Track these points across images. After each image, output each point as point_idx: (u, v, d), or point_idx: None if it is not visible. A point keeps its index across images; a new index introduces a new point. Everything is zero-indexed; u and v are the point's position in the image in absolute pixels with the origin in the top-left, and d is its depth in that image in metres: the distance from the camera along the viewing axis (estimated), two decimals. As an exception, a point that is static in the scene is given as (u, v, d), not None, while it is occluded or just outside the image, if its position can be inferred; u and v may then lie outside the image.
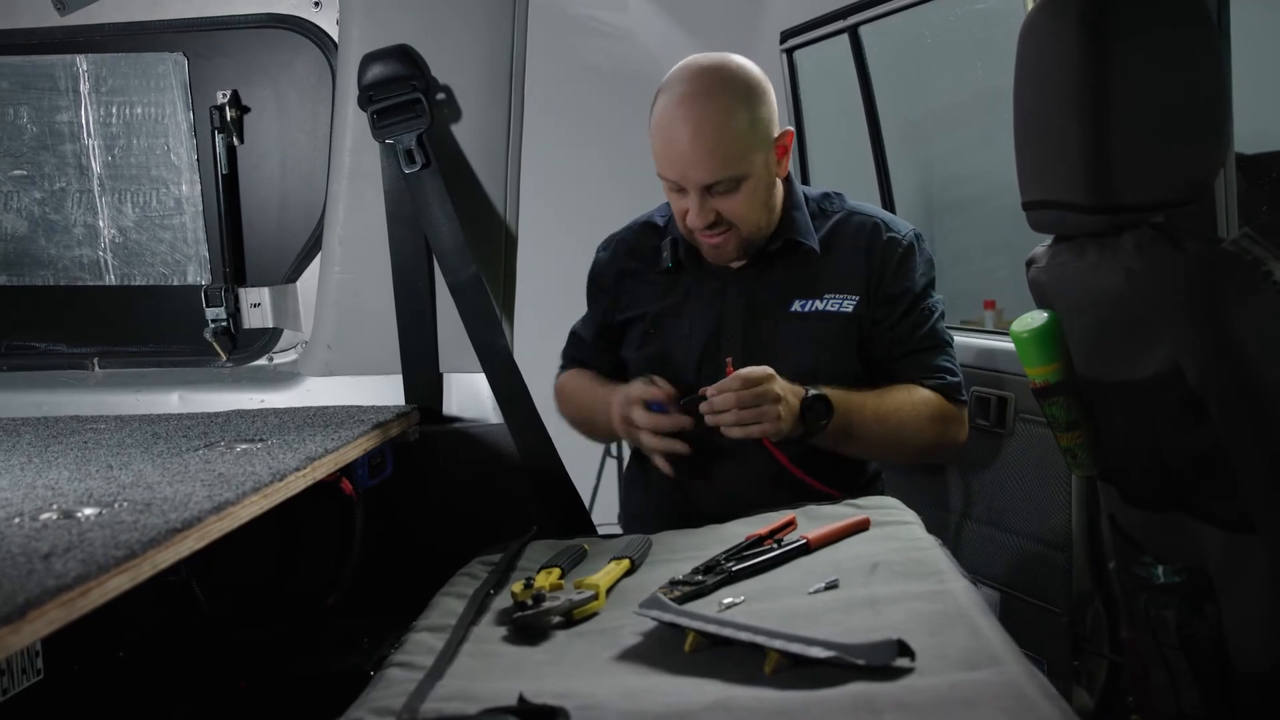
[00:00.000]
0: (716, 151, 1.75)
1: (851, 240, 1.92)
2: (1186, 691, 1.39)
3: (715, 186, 1.77)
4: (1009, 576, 2.26)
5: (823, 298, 1.88)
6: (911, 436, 1.85)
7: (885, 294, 1.88)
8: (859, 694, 1.00)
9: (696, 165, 1.75)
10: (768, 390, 1.68)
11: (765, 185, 1.84)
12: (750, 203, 1.81)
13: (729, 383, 1.68)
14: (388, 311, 1.96)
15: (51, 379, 2.13)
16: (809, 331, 1.86)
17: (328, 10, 1.99)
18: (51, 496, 1.24)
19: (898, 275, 1.89)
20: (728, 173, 1.76)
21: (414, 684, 1.13)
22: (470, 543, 1.67)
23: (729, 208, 1.80)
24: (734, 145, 1.76)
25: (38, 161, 2.09)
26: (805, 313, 1.88)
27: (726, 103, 1.76)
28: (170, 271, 2.10)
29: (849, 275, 1.89)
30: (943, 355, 1.91)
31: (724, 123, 1.75)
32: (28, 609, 0.81)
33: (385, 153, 1.88)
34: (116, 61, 2.04)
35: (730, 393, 1.67)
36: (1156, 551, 1.47)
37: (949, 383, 1.89)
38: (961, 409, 1.92)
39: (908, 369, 1.89)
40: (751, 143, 1.78)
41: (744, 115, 1.77)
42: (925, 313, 1.90)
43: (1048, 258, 1.54)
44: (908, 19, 2.89)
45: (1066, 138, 1.34)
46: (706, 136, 1.74)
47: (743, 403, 1.68)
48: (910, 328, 1.89)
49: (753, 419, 1.68)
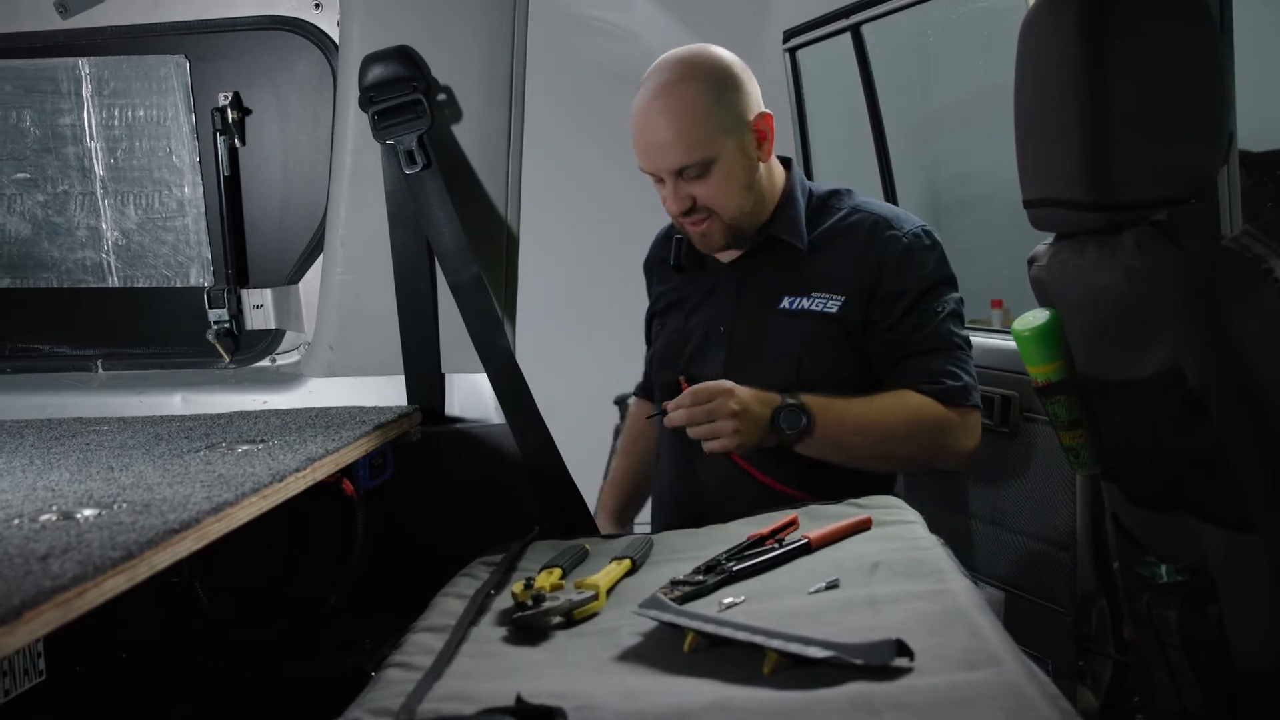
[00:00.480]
0: (682, 136, 1.77)
1: (849, 238, 1.88)
2: (1189, 691, 1.38)
3: (685, 171, 1.80)
4: (1014, 576, 2.25)
5: (810, 296, 1.86)
6: (898, 448, 1.81)
7: (883, 293, 1.83)
8: (857, 694, 0.99)
9: (663, 151, 1.79)
10: (720, 405, 1.69)
11: (742, 168, 1.83)
12: (725, 186, 1.82)
13: (681, 399, 1.72)
14: (389, 312, 1.96)
15: (56, 381, 2.14)
16: (795, 330, 1.84)
17: (328, 12, 1.99)
18: (51, 498, 1.24)
19: (897, 274, 1.83)
20: (696, 156, 1.78)
21: (412, 684, 1.13)
22: (472, 543, 1.67)
23: (703, 192, 1.81)
24: (698, 129, 1.78)
25: (40, 164, 2.09)
26: (794, 310, 1.86)
27: (692, 89, 1.79)
28: (173, 273, 2.11)
29: (838, 274, 1.85)
30: (946, 358, 1.82)
31: (688, 108, 1.78)
32: (23, 610, 0.81)
33: (386, 154, 1.88)
34: (118, 64, 2.04)
35: (682, 409, 1.71)
36: (1158, 551, 1.46)
37: (948, 387, 1.80)
38: (966, 414, 1.82)
39: (904, 373, 1.82)
40: (719, 125, 1.79)
41: (709, 99, 1.79)
42: (929, 313, 1.83)
43: (1049, 256, 1.54)
44: (911, 18, 2.89)
45: (1066, 135, 1.33)
46: (671, 122, 1.77)
47: (693, 419, 1.70)
48: (909, 329, 1.82)
49: (707, 434, 1.71)
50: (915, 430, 1.79)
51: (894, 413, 1.79)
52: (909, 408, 1.79)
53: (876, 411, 1.79)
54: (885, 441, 1.79)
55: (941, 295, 1.86)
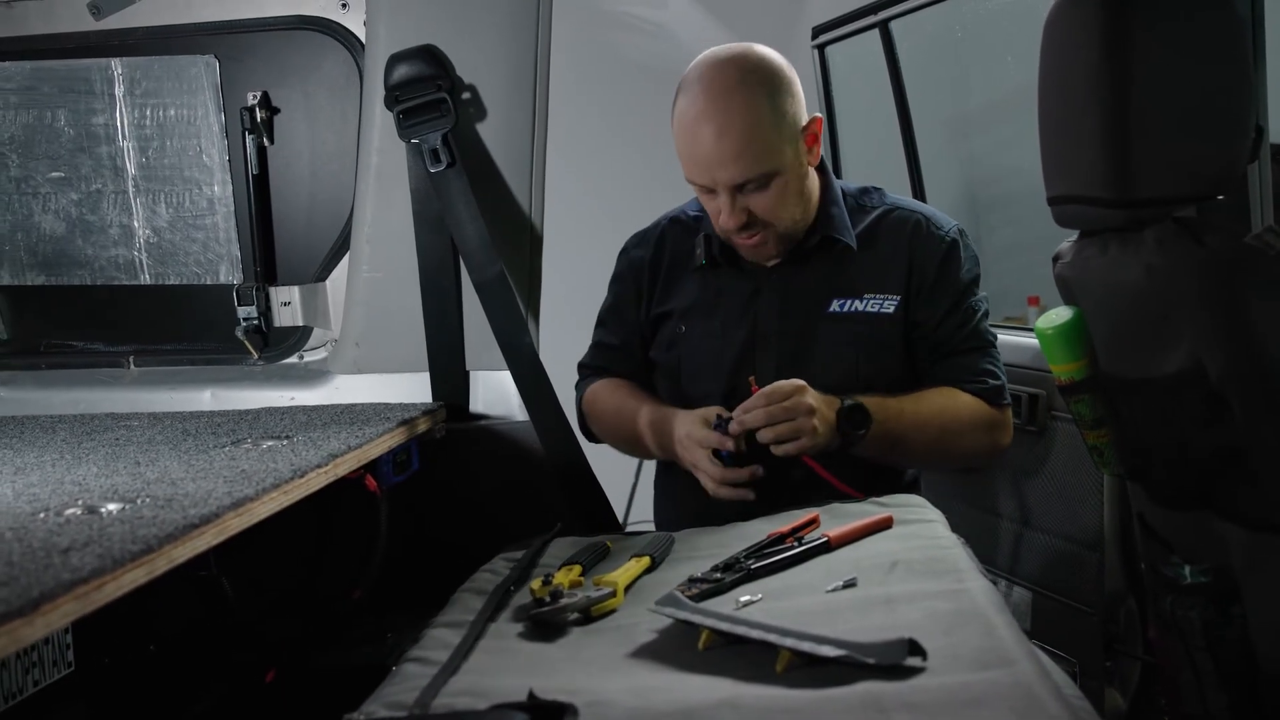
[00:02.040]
0: (744, 150, 1.67)
1: (892, 237, 1.85)
2: (1213, 694, 1.36)
3: (745, 186, 1.71)
4: (1041, 576, 2.23)
5: (862, 297, 1.81)
6: (953, 443, 1.79)
7: (927, 293, 1.81)
8: (867, 693, 0.99)
9: (724, 166, 1.68)
10: (799, 403, 1.62)
11: (798, 178, 1.76)
12: (783, 198, 1.74)
13: (755, 400, 1.63)
14: (415, 310, 1.97)
15: (89, 377, 2.18)
16: (848, 334, 1.80)
17: (355, 11, 2.01)
18: (78, 492, 1.27)
19: (941, 274, 1.81)
20: (757, 170, 1.69)
21: (427, 679, 1.14)
22: (495, 539, 1.68)
23: (762, 206, 1.73)
24: (761, 141, 1.68)
25: (75, 163, 2.13)
26: (844, 313, 1.81)
27: (749, 97, 1.68)
28: (203, 271, 2.14)
29: (889, 274, 1.82)
30: (986, 357, 1.83)
31: (748, 119, 1.67)
32: (41, 601, 0.83)
33: (411, 152, 1.90)
34: (150, 64, 2.08)
35: (760, 410, 1.61)
36: (1183, 551, 1.44)
37: (991, 386, 1.81)
38: (1004, 412, 1.83)
39: (950, 371, 1.81)
40: (779, 136, 1.71)
41: (768, 108, 1.69)
42: (968, 312, 1.83)
43: (1072, 253, 1.52)
44: (939, 15, 2.86)
45: (1089, 132, 1.32)
46: (732, 135, 1.67)
47: (773, 418, 1.61)
48: (953, 328, 1.82)
49: (789, 433, 1.62)
50: (967, 429, 1.79)
51: (946, 411, 1.78)
52: (960, 406, 1.79)
53: (929, 410, 1.77)
54: (940, 440, 1.78)
55: (977, 295, 1.86)
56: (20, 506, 1.20)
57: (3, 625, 0.78)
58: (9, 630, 0.79)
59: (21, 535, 1.04)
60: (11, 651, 0.80)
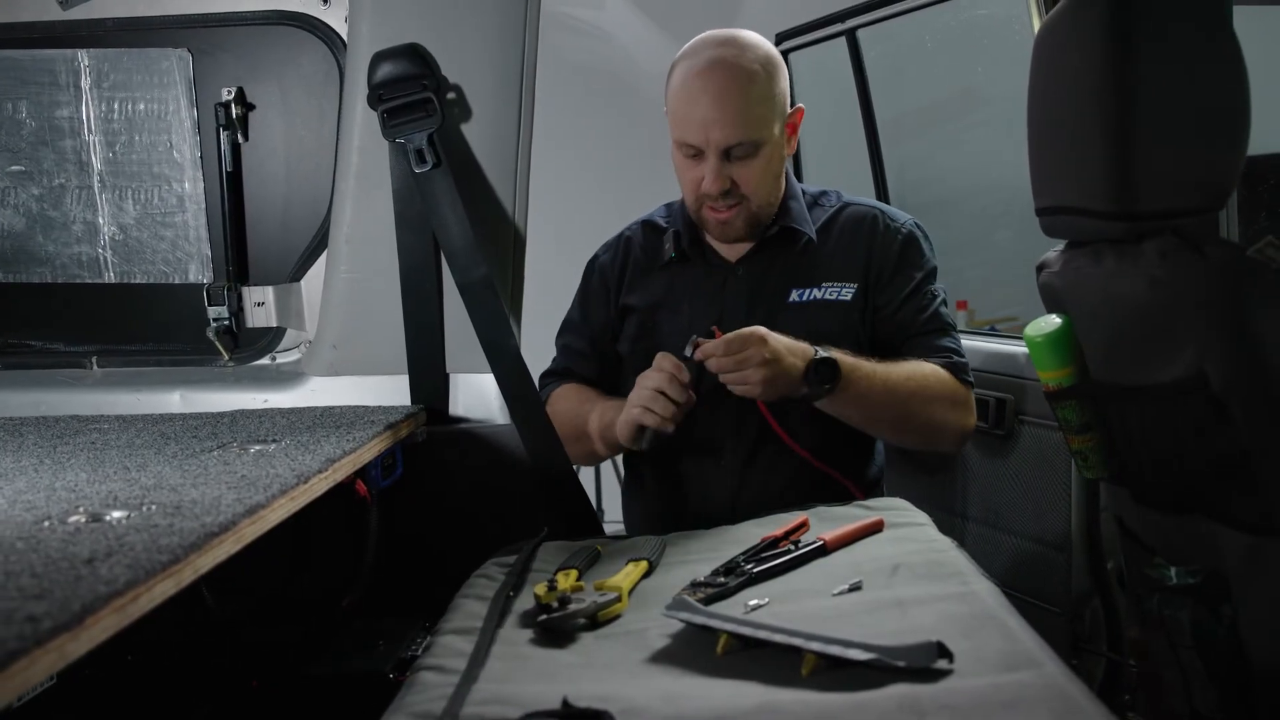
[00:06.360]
0: (741, 113, 1.78)
1: (850, 230, 1.96)
2: (1201, 692, 1.41)
3: (735, 150, 1.81)
4: (1008, 576, 2.28)
5: (820, 286, 1.92)
6: (922, 410, 1.86)
7: (886, 281, 1.92)
8: (903, 696, 1.00)
9: (720, 124, 1.79)
10: (753, 353, 1.69)
11: (779, 158, 1.88)
12: (765, 172, 1.85)
13: (714, 345, 1.70)
14: (394, 311, 1.94)
15: (49, 377, 2.10)
16: (806, 320, 1.88)
17: (336, 8, 1.97)
18: (75, 499, 1.22)
19: (899, 263, 1.93)
20: (750, 135, 1.80)
21: (450, 688, 1.12)
22: (479, 544, 1.67)
23: (744, 175, 1.83)
24: (758, 109, 1.80)
25: (36, 157, 2.06)
26: (803, 302, 1.91)
27: (750, 67, 1.80)
28: (171, 270, 2.08)
29: (847, 264, 1.93)
30: (948, 337, 1.94)
31: (748, 85, 1.79)
32: (84, 615, 0.80)
33: (395, 152, 1.87)
34: (119, 57, 2.01)
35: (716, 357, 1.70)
36: (1168, 553, 1.48)
37: (956, 361, 1.91)
38: (969, 391, 1.93)
39: (914, 350, 1.91)
40: (771, 110, 1.82)
41: (765, 81, 1.81)
42: (928, 296, 1.94)
43: (1061, 263, 1.55)
44: (885, 26, 2.91)
45: (1088, 145, 1.35)
46: (732, 96, 1.78)
47: (722, 368, 1.70)
48: (914, 311, 1.92)
49: (737, 381, 1.71)
50: (935, 398, 1.86)
51: (914, 378, 1.85)
52: (928, 375, 1.87)
53: (900, 375, 1.84)
54: (906, 403, 1.83)
55: (934, 283, 1.97)
56: (19, 514, 1.15)
57: (52, 641, 0.76)
58: (57, 646, 0.76)
59: (35, 545, 1.00)
60: (60, 668, 0.77)
